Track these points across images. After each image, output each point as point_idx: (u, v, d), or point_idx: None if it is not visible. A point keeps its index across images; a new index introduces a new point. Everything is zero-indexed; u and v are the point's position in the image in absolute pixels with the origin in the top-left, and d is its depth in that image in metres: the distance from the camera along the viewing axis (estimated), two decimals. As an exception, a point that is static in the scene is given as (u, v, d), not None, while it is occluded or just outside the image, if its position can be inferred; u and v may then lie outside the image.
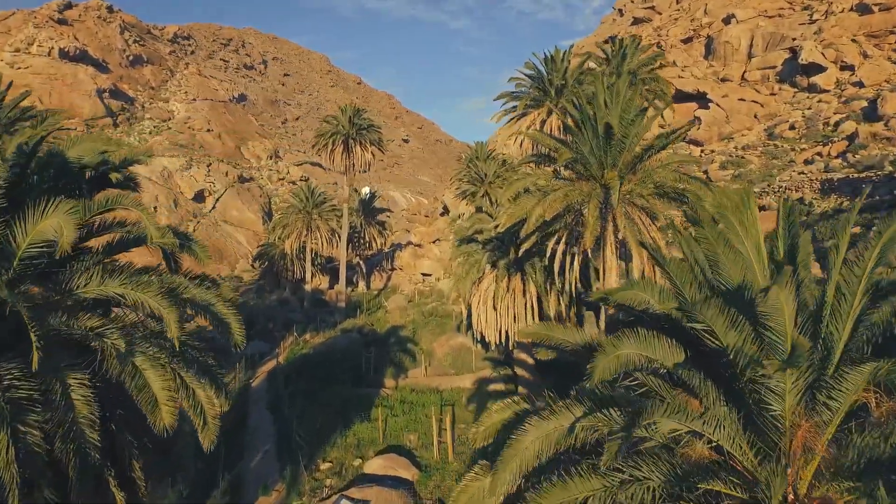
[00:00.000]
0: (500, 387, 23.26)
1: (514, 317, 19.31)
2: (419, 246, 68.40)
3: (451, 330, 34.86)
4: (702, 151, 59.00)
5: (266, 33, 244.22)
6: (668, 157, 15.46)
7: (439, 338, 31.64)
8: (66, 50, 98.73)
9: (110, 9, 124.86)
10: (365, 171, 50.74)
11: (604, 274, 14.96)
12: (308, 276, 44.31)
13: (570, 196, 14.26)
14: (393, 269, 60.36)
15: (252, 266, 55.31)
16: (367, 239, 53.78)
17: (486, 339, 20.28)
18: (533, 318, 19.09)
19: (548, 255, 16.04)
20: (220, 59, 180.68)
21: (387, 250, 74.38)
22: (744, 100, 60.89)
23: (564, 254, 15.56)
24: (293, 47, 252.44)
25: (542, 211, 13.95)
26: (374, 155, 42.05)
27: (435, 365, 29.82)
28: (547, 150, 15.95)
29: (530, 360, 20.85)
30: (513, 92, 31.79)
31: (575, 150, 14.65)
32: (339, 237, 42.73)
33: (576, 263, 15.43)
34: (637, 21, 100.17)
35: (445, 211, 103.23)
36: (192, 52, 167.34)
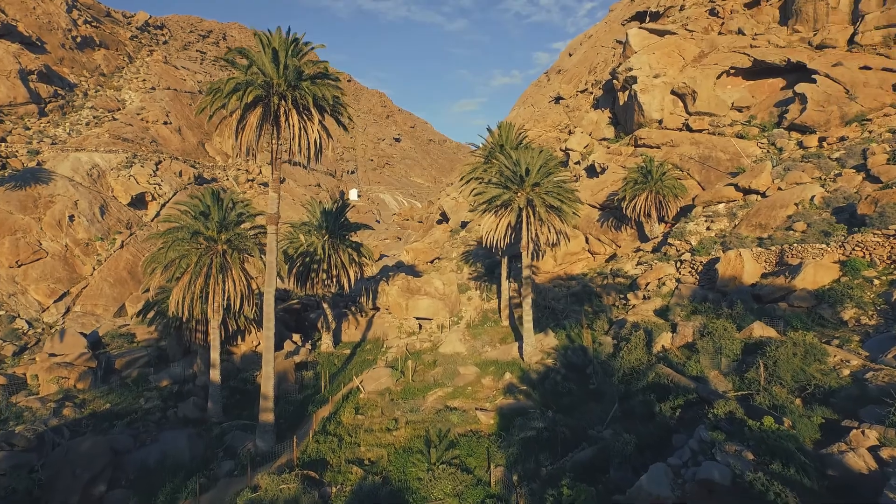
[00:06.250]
0: None
1: None
2: (412, 271, 47.84)
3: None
4: (823, 140, 39.09)
5: (251, 28, 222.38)
6: None
7: None
8: (-18, 22, 77.11)
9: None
10: (353, 173, 29.95)
11: None
12: (216, 354, 22.93)
13: None
14: (375, 310, 39.75)
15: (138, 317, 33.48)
16: (335, 272, 33.12)
17: None
18: None
19: None
20: (197, 51, 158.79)
21: (375, 274, 53.62)
22: (869, 68, 41.00)
23: None
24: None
25: None
26: (327, 132, 19.91)
27: None
28: None
29: None
30: None
31: None
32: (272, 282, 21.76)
33: None
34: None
35: (444, 218, 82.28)
36: (165, 42, 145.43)
